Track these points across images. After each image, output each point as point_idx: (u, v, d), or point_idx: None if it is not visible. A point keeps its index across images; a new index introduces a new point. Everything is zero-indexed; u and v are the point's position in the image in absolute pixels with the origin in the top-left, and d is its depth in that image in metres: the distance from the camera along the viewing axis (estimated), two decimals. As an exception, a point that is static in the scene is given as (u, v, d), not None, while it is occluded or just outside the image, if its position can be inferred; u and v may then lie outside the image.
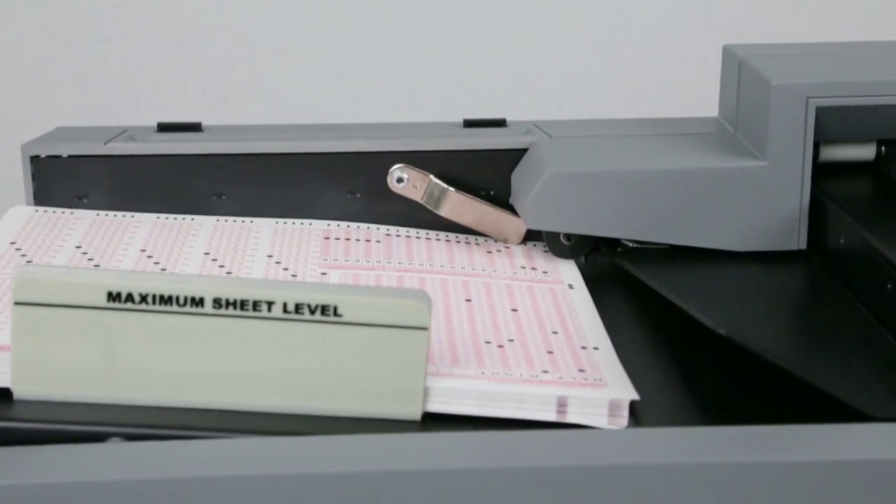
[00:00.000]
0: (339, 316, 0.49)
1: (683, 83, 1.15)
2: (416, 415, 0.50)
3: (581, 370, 0.53)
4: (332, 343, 0.49)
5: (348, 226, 0.70)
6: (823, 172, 0.67)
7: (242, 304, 0.49)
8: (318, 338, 0.49)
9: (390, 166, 0.69)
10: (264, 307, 0.49)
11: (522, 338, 0.57)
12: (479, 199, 0.69)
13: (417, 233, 0.70)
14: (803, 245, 0.65)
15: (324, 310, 0.49)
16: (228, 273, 0.63)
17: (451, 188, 0.69)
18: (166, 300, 0.49)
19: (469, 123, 0.73)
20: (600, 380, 0.53)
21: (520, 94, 1.14)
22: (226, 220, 0.69)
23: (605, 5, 1.15)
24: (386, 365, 0.49)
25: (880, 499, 0.45)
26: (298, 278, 0.62)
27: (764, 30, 1.17)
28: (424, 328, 0.49)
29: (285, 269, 0.63)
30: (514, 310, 0.60)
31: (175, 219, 0.69)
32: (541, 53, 1.15)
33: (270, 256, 0.65)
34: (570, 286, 0.64)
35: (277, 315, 0.49)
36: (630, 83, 1.16)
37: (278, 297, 0.49)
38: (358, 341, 0.49)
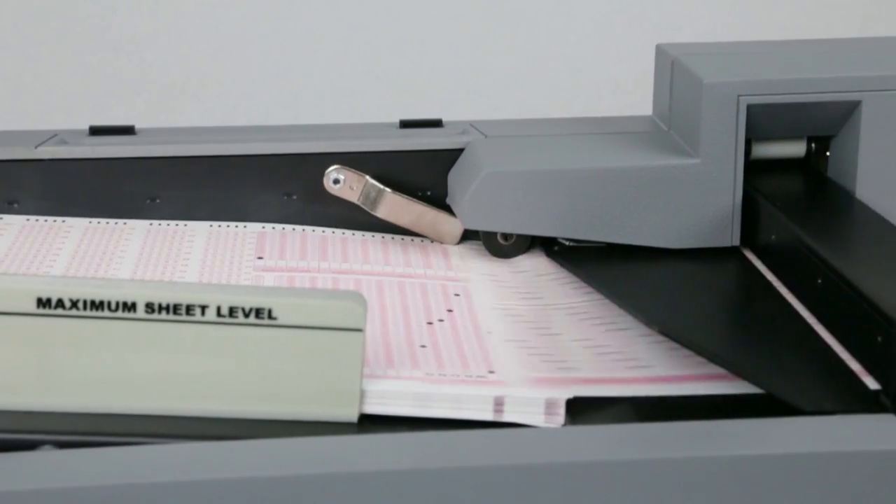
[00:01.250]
0: (274, 319, 0.49)
1: (620, 82, 1.16)
2: (352, 417, 0.50)
3: (518, 369, 0.54)
4: (266, 346, 0.49)
5: (283, 228, 0.69)
6: (756, 169, 0.67)
7: (175, 309, 0.48)
8: (253, 341, 0.49)
9: (326, 168, 0.69)
10: (197, 311, 0.48)
11: (459, 338, 0.57)
12: (415, 199, 0.69)
13: (354, 234, 0.69)
14: (736, 241, 0.66)
15: (258, 313, 0.48)
16: (162, 277, 0.62)
17: (388, 189, 0.69)
18: (97, 305, 0.48)
19: (405, 124, 0.73)
20: (537, 379, 0.53)
21: (457, 95, 1.14)
22: (159, 224, 0.69)
23: (542, 5, 1.16)
24: (321, 367, 0.49)
25: (812, 491, 0.46)
26: (233, 282, 0.62)
27: (699, 29, 1.18)
28: (360, 330, 0.49)
29: (219, 272, 0.63)
30: (450, 310, 0.60)
31: (108, 223, 0.69)
32: (478, 53, 1.15)
33: (205, 260, 0.64)
34: (507, 285, 0.64)
35: (211, 319, 0.48)
36: (567, 82, 1.16)
37: (211, 300, 0.48)
38: (293, 344, 0.49)
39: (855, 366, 0.52)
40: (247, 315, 0.48)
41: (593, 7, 1.17)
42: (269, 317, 0.48)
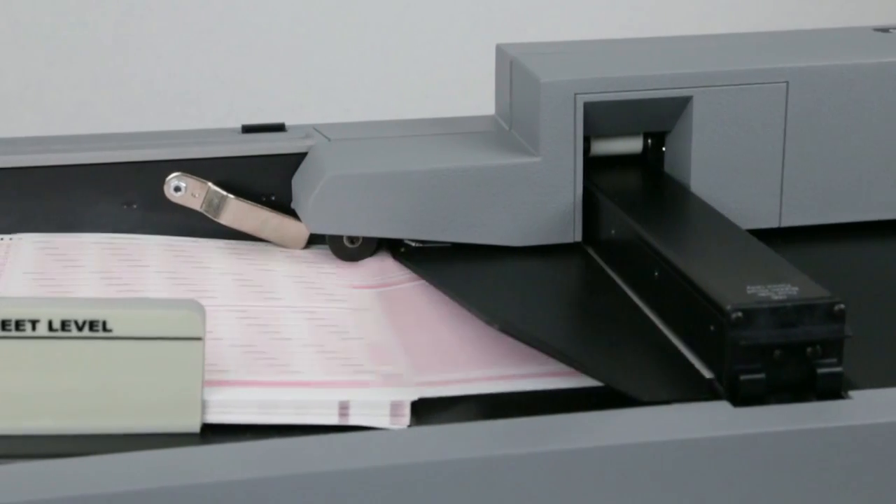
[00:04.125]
0: (109, 331, 0.48)
1: (465, 82, 1.17)
2: (194, 427, 0.49)
3: (364, 372, 0.53)
4: (103, 359, 0.48)
5: (124, 238, 0.68)
6: (595, 166, 0.69)
7: (4, 325, 0.47)
8: (88, 354, 0.48)
9: (167, 175, 0.68)
10: (28, 326, 0.47)
11: (304, 342, 0.56)
12: (259, 205, 0.69)
13: (198, 242, 0.68)
14: (578, 237, 0.67)
15: (92, 325, 0.47)
16: (-4, 292, 0.60)
17: (231, 195, 0.68)
18: (-79, 324, 0.46)
19: (247, 129, 0.72)
20: (383, 381, 0.53)
21: (303, 99, 1.14)
22: (-6, 238, 0.67)
23: (387, 7, 1.16)
24: (161, 378, 0.48)
25: (652, 479, 0.47)
26: (71, 296, 0.60)
27: (542, 28, 1.20)
28: (198, 338, 0.48)
29: (55, 285, 0.61)
30: (297, 314, 0.60)
31: (-62, 238, 0.66)
32: (323, 56, 1.15)
33: (40, 273, 0.63)
34: (355, 288, 0.64)
35: (43, 333, 0.47)
36: (414, 83, 1.17)
37: (42, 314, 0.47)
38: (130, 356, 0.48)
39: (691, 355, 0.53)
40: (80, 328, 0.47)
41: (439, 8, 1.18)
42: (104, 329, 0.47)
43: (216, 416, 0.50)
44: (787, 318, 0.49)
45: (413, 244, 0.67)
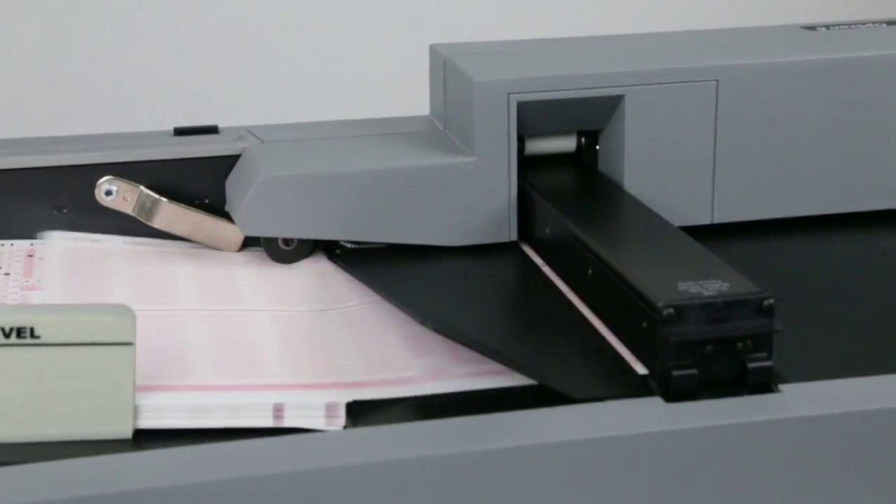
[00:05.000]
0: (37, 337, 0.47)
1: (400, 83, 1.17)
2: (126, 433, 0.49)
3: (299, 374, 0.53)
4: (32, 366, 0.47)
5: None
6: (530, 165, 0.69)
7: (-71, 333, 0.46)
8: (17, 362, 0.47)
9: (98, 179, 0.67)
10: (-47, 334, 0.46)
11: (239, 346, 0.56)
12: (193, 208, 0.68)
13: (137, 241, 0.68)
14: (514, 236, 0.67)
15: (20, 332, 0.47)
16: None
17: (164, 198, 0.67)
18: None
19: (179, 131, 0.71)
20: (318, 383, 0.52)
21: (238, 100, 1.13)
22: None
23: (321, 8, 1.16)
24: (91, 384, 0.48)
25: (585, 476, 0.47)
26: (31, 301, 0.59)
27: (477, 28, 1.20)
28: (129, 343, 0.48)
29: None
30: (232, 317, 0.59)
31: None
32: (257, 57, 1.14)
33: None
34: (290, 290, 0.63)
35: (-31, 341, 0.46)
36: (348, 84, 1.17)
37: (-31, 322, 0.46)
38: (60, 362, 0.47)
39: (625, 352, 0.53)
40: (7, 335, 0.46)
41: (374, 8, 1.17)
42: (32, 335, 0.47)
43: (148, 422, 0.49)
44: (718, 313, 0.49)
45: (349, 245, 0.67)
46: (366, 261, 0.65)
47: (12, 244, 0.67)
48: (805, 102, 0.69)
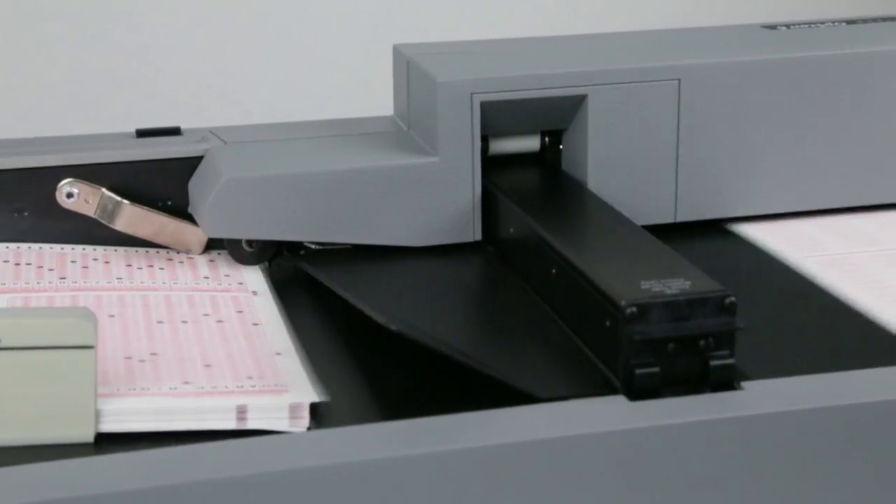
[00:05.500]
0: (-3, 341, 0.46)
1: (366, 83, 1.17)
2: (88, 437, 0.48)
3: (262, 377, 0.53)
4: (-9, 370, 0.47)
5: (18, 247, 0.66)
6: (494, 165, 0.69)
7: None
8: (-24, 366, 0.47)
9: (59, 181, 0.66)
10: (-88, 339, 0.46)
11: (203, 349, 0.56)
12: (156, 210, 0.68)
13: (94, 249, 0.67)
14: (478, 236, 0.67)
15: (-21, 336, 0.46)
16: None
17: (126, 201, 0.67)
18: None
19: (142, 133, 0.71)
20: (282, 385, 0.52)
21: (201, 101, 1.13)
22: None
23: (285, 9, 1.15)
24: (53, 388, 0.47)
25: (550, 476, 0.47)
26: None
27: (440, 28, 1.20)
28: (90, 347, 0.47)
29: None
30: (196, 321, 0.59)
31: None
32: (220, 58, 1.13)
33: None
34: (255, 293, 0.63)
35: (-73, 346, 0.46)
36: (313, 85, 1.16)
37: (-73, 326, 0.46)
38: (20, 366, 0.47)
39: (588, 351, 0.54)
40: (-34, 339, 0.46)
41: (339, 8, 1.17)
42: (-8, 340, 0.46)
43: (111, 425, 0.49)
44: (680, 311, 0.50)
45: (313, 246, 0.67)
46: (330, 262, 0.65)
47: (-28, 248, 0.66)
48: (766, 101, 0.69)
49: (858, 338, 0.57)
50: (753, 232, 0.69)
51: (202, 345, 0.56)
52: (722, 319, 0.50)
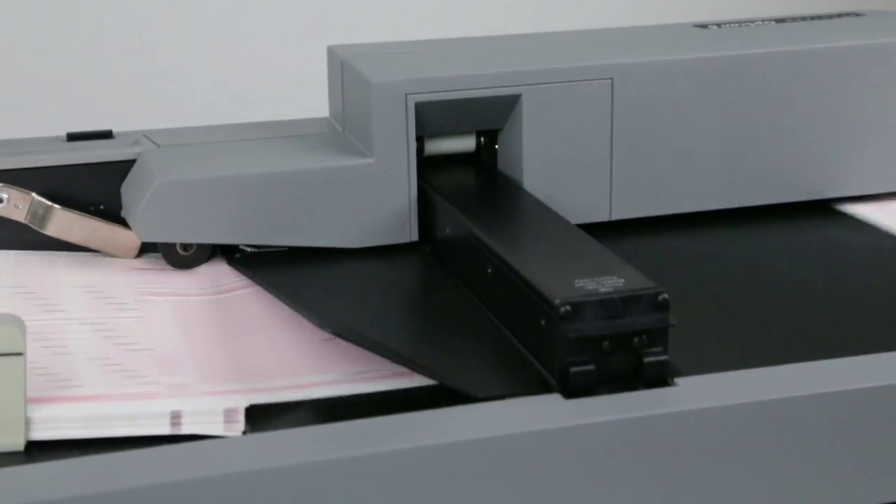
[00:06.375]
0: (-77, 350, 0.46)
1: (301, 85, 1.16)
2: (18, 446, 0.47)
3: (196, 380, 0.53)
4: (-82, 380, 0.46)
5: (-54, 253, 0.65)
6: (430, 165, 0.69)
7: None
8: None
9: (-13, 186, 0.66)
10: None
11: (136, 353, 0.55)
12: (88, 214, 0.67)
13: (26, 254, 0.66)
14: (415, 237, 0.67)
15: None
16: None
17: (57, 205, 0.66)
18: None
19: (73, 137, 0.70)
20: (216, 388, 0.52)
21: (133, 104, 1.11)
22: None
23: (220, 9, 1.14)
24: (-19, 397, 0.47)
25: (487, 476, 0.47)
26: None
27: (376, 29, 1.20)
28: (19, 353, 0.47)
29: None
30: (128, 325, 0.58)
31: None
32: (153, 59, 1.12)
33: None
34: (190, 296, 0.63)
35: None
36: (248, 87, 1.16)
37: None
38: (-53, 375, 0.46)
39: (524, 351, 0.54)
40: None
41: (275, 10, 1.17)
42: (-83, 348, 0.45)
43: (41, 433, 0.48)
44: (614, 309, 0.50)
45: (248, 249, 0.66)
46: (265, 264, 0.65)
47: None
48: (698, 99, 0.70)
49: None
50: (684, 229, 0.70)
51: (135, 349, 0.56)
52: (655, 316, 0.50)
